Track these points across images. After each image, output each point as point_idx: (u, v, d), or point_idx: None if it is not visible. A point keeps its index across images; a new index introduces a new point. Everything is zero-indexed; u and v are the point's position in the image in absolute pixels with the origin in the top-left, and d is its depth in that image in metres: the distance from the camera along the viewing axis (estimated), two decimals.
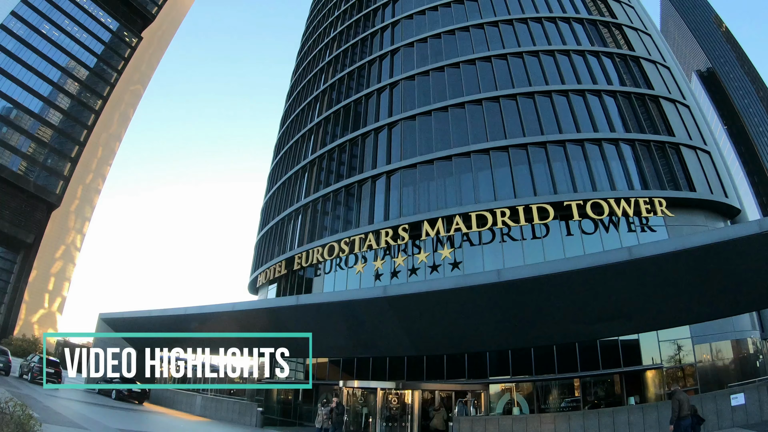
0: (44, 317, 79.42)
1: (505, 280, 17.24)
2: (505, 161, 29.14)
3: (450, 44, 36.44)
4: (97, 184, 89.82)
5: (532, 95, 31.52)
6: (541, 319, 20.13)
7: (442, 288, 18.69)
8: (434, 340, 23.13)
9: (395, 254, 29.54)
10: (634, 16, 39.41)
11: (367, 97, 37.68)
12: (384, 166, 32.41)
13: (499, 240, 27.46)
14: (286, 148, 44.88)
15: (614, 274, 16.51)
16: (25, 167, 74.34)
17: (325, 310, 22.29)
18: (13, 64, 73.70)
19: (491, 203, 27.59)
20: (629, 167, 28.61)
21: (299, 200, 37.77)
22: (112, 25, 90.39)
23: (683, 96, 33.65)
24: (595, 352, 25.02)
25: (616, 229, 26.49)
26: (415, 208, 29.86)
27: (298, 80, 51.16)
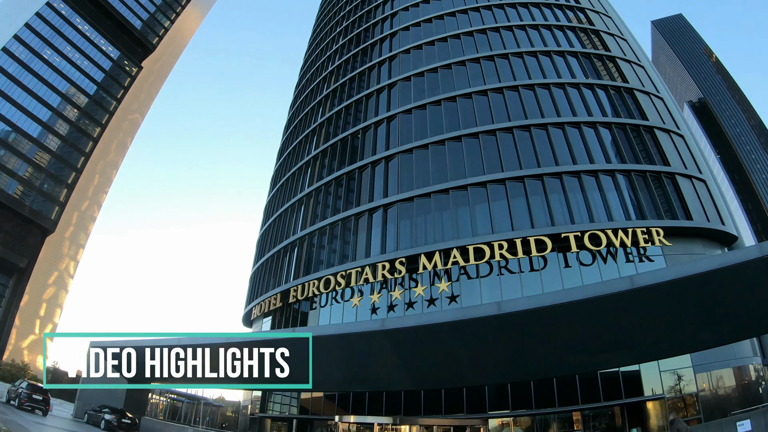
0: (35, 343, 77.84)
1: (505, 313, 16.96)
2: (502, 194, 29.18)
3: (446, 78, 36.94)
4: (93, 212, 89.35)
5: (529, 128, 31.82)
6: (541, 351, 19.79)
7: (441, 321, 18.35)
8: (433, 374, 22.69)
9: (392, 288, 29.29)
10: (627, 48, 40.25)
11: (365, 130, 37.93)
12: (381, 199, 32.39)
13: (497, 273, 27.29)
14: (282, 180, 44.94)
15: (616, 303, 16.34)
16: (21, 191, 73.91)
17: (321, 343, 21.97)
18: (13, 88, 73.90)
19: (489, 236, 27.49)
20: (626, 198, 28.69)
21: (295, 233, 37.57)
22: (113, 53, 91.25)
23: (677, 126, 34.10)
24: (595, 383, 24.70)
25: (614, 260, 26.39)
26: (412, 241, 29.74)
27: (296, 113, 51.66)
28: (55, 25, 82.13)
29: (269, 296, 36.83)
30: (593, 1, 45.82)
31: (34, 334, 77.78)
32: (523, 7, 42.26)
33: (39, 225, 75.92)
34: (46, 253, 79.16)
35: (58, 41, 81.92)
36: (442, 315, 19.60)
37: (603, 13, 44.25)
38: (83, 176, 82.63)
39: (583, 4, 44.10)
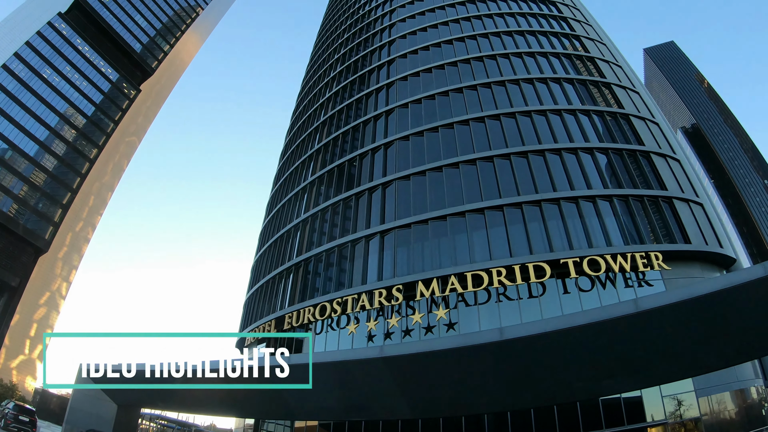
0: (24, 364, 76.47)
1: (507, 339, 16.65)
2: (500, 220, 29.03)
3: (444, 105, 37.18)
4: (87, 233, 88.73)
5: (526, 154, 31.88)
6: (544, 378, 19.38)
7: (443, 348, 17.95)
8: (432, 402, 22.11)
9: (389, 315, 28.85)
10: (622, 75, 40.79)
11: (362, 156, 37.94)
12: (378, 226, 32.15)
13: (495, 300, 26.95)
14: (278, 206, 44.79)
15: (621, 327, 16.11)
16: (16, 209, 73.36)
17: (317, 371, 21.46)
18: (12, 105, 74.00)
19: (487, 263, 27.23)
20: (624, 222, 28.58)
21: (291, 259, 37.20)
22: (112, 75, 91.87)
23: (673, 150, 34.35)
24: (597, 410, 24.11)
25: (614, 285, 26.07)
26: (410, 268, 29.43)
27: (293, 139, 51.84)
28: (55, 44, 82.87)
29: (263, 323, 36.23)
30: (588, 29, 46.58)
31: (23, 354, 76.46)
32: (519, 35, 42.89)
33: (32, 244, 75.22)
34: (39, 273, 78.28)
35: (58, 61, 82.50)
36: (442, 342, 19.17)
37: (598, 40, 44.91)
38: (78, 197, 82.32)
39: (578, 32, 44.81)
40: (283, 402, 24.38)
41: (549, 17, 46.58)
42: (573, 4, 51.27)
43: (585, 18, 49.09)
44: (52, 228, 78.21)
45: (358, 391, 21.84)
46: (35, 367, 79.06)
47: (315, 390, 23.17)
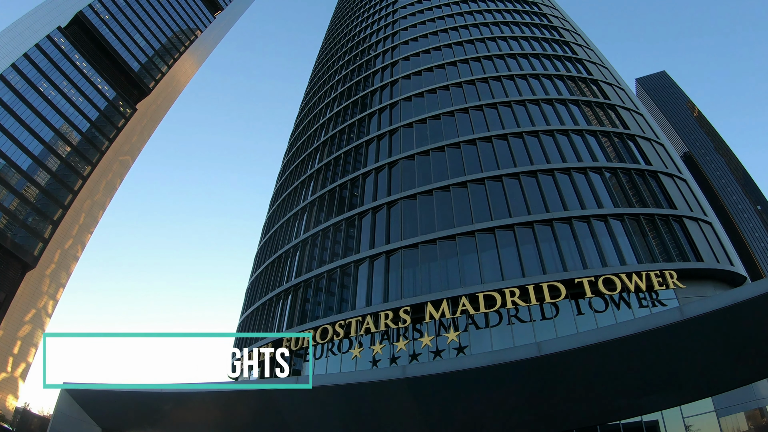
0: (5, 381, 73.95)
1: (546, 354, 15.56)
2: (510, 240, 28.30)
3: (449, 125, 36.85)
4: (76, 251, 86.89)
5: (535, 174, 31.49)
6: (583, 397, 18.26)
7: (475, 366, 16.70)
8: (456, 428, 20.53)
9: (394, 338, 27.65)
10: (625, 97, 41.11)
11: (365, 176, 37.30)
12: (383, 246, 31.22)
13: (507, 322, 25.89)
14: (276, 226, 43.84)
15: (666, 337, 15.25)
16: (6, 222, 71.75)
17: (318, 397, 20.10)
18: (6, 117, 73.06)
19: (499, 283, 26.36)
20: (636, 241, 28.07)
21: (289, 280, 36.01)
22: (109, 93, 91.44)
23: (679, 170, 34.33)
24: None
25: (628, 306, 25.24)
26: (417, 289, 28.41)
27: (291, 159, 51.31)
28: (54, 58, 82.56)
29: (259, 346, 34.73)
30: (589, 53, 46.97)
31: (5, 372, 73.96)
32: (523, 58, 43.02)
33: (20, 259, 73.46)
34: (25, 290, 76.26)
35: (55, 75, 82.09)
36: (473, 360, 17.90)
37: (599, 63, 45.27)
38: (69, 214, 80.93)
39: (580, 56, 45.11)
40: (286, 430, 23.06)
41: (551, 41, 46.90)
42: (573, 29, 51.85)
43: (585, 42, 49.60)
44: (41, 244, 76.65)
45: (370, 421, 20.45)
46: (17, 385, 76.59)
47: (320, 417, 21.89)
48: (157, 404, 23.59)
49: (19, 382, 77.17)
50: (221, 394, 22.34)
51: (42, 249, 76.71)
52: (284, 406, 21.89)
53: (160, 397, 23.08)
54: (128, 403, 24.14)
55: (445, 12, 52.63)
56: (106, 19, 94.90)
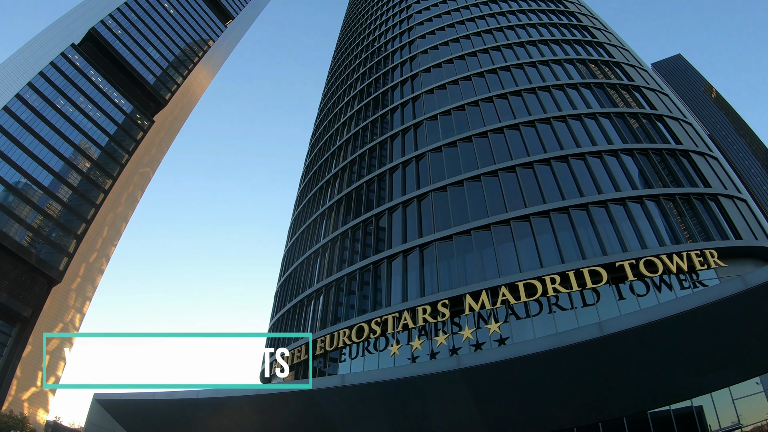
0: (35, 396, 74.56)
1: (609, 334, 15.02)
2: (547, 227, 27.77)
3: (474, 115, 36.45)
4: (101, 264, 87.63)
5: (566, 158, 31.00)
6: (646, 377, 17.74)
7: (534, 351, 16.24)
8: (512, 420, 20.14)
9: (433, 333, 27.12)
10: (649, 78, 40.62)
11: (391, 171, 37.02)
12: (416, 240, 30.80)
13: (548, 311, 25.31)
14: (303, 227, 43.76)
15: (728, 309, 14.75)
16: (30, 239, 72.69)
17: (360, 395, 19.51)
18: (26, 135, 74.09)
19: (538, 271, 25.79)
20: (673, 222, 27.50)
21: (320, 280, 35.73)
22: (125, 106, 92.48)
23: (710, 149, 33.82)
24: (646, 425, 22.04)
25: (669, 289, 24.60)
26: (454, 281, 27.90)
27: (313, 161, 51.51)
28: (69, 75, 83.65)
29: (293, 348, 34.39)
30: (609, 36, 46.29)
31: (35, 386, 74.62)
32: (543, 45, 42.51)
33: (45, 274, 74.29)
34: (52, 304, 77.05)
35: (71, 91, 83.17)
36: (533, 345, 17.33)
37: (620, 46, 44.60)
38: (92, 228, 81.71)
39: (600, 39, 44.45)
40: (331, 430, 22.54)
41: (570, 26, 46.26)
42: (590, 14, 51.18)
43: (603, 26, 48.92)
44: (66, 258, 77.43)
45: (420, 415, 19.90)
46: (47, 399, 77.26)
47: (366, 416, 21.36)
48: (191, 411, 23.33)
49: (49, 396, 77.90)
50: (260, 397, 21.97)
51: (67, 263, 77.47)
52: (328, 407, 21.46)
53: (194, 404, 22.78)
54: (161, 412, 23.86)
55: (460, 4, 52.17)
56: (119, 34, 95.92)
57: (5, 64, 79.80)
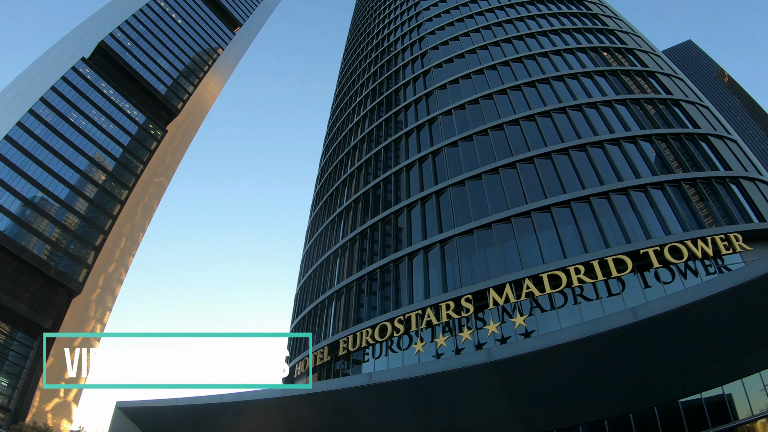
0: (59, 407, 75.45)
1: (642, 319, 14.70)
2: (568, 217, 27.40)
3: (489, 108, 36.21)
4: (120, 274, 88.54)
5: (584, 147, 30.64)
6: (680, 363, 17.40)
7: (566, 341, 15.90)
8: (546, 413, 19.81)
9: (457, 329, 26.85)
10: (662, 63, 40.22)
11: (408, 167, 36.87)
12: (436, 236, 30.57)
13: (573, 302, 24.93)
14: (321, 229, 43.73)
15: (763, 288, 14.37)
16: (49, 252, 73.71)
17: (385, 394, 19.27)
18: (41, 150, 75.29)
19: (561, 261, 25.39)
20: (695, 207, 26.97)
21: (340, 281, 35.65)
22: (138, 117, 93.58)
23: (728, 131, 33.31)
24: (677, 413, 21.55)
25: (695, 275, 24.12)
26: (477, 276, 27.61)
27: (328, 163, 51.56)
28: (81, 89, 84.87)
29: (315, 350, 34.30)
30: (619, 23, 45.85)
31: (58, 397, 75.52)
32: (554, 35, 42.19)
33: (65, 286, 75.26)
34: (72, 315, 77.91)
35: (84, 105, 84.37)
36: (565, 334, 16.95)
37: (631, 33, 44.17)
38: (110, 238, 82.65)
39: (611, 27, 44.02)
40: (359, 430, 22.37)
41: (580, 15, 45.86)
42: (600, 2, 50.58)
43: (613, 13, 48.55)
44: (85, 270, 78.36)
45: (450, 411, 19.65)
46: (71, 410, 78.05)
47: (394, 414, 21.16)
48: (214, 416, 23.25)
49: (73, 407, 78.74)
50: (284, 400, 21.83)
51: (86, 275, 78.41)
52: (355, 406, 21.30)
53: (217, 408, 22.71)
54: (185, 417, 23.79)
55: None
56: (129, 46, 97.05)
57: (17, 81, 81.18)
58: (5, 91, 79.99)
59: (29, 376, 70.43)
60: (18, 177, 71.74)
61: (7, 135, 72.42)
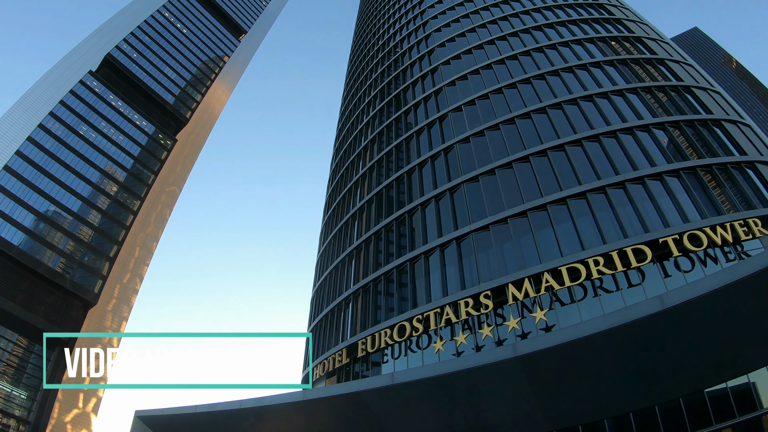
0: (78, 417, 75.94)
1: (669, 307, 14.40)
2: (584, 208, 27.14)
3: (499, 102, 36.07)
4: (135, 284, 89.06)
5: (597, 138, 30.38)
6: (710, 351, 17.10)
7: (595, 332, 15.65)
8: (572, 408, 19.51)
9: (476, 326, 26.67)
10: (671, 50, 39.88)
11: (420, 166, 36.80)
12: (451, 233, 30.45)
13: (593, 295, 24.69)
14: (335, 231, 43.70)
15: None
16: (64, 264, 74.39)
17: (408, 393, 19.07)
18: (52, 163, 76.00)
19: (579, 254, 25.15)
20: (711, 193, 26.67)
21: (357, 282, 35.59)
22: (147, 128, 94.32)
23: (740, 116, 32.96)
24: (704, 404, 21.25)
25: (715, 262, 23.82)
26: (494, 271, 27.42)
27: (339, 164, 51.60)
28: (89, 102, 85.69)
29: (333, 353, 34.13)
30: (625, 12, 45.68)
31: (77, 408, 76.03)
32: (560, 26, 41.98)
33: (81, 298, 75.82)
34: (89, 327, 78.42)
35: (93, 117, 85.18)
36: (591, 325, 16.64)
37: (638, 21, 43.92)
38: (124, 249, 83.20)
39: (618, 16, 43.83)
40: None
41: (586, 6, 45.59)
42: None
43: (620, 2, 48.18)
44: (100, 281, 78.89)
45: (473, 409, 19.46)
46: (90, 420, 78.52)
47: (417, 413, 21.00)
48: (235, 422, 23.15)
49: (92, 417, 79.25)
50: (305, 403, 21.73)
51: (101, 286, 78.95)
52: (377, 406, 21.15)
53: (238, 414, 22.61)
54: (204, 424, 23.68)
55: None
56: (135, 58, 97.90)
57: (25, 97, 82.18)
58: (14, 107, 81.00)
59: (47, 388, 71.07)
60: (30, 191, 72.48)
61: (17, 150, 73.24)
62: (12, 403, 68.27)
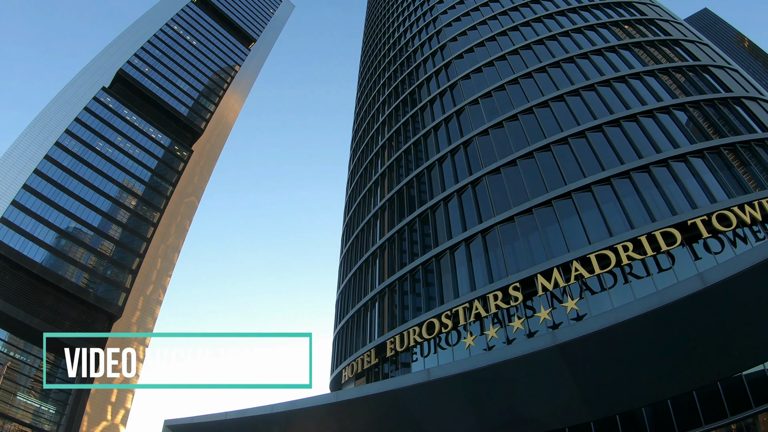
0: (107, 429, 76.84)
1: (711, 285, 14.07)
2: (610, 194, 26.80)
3: (516, 93, 35.87)
4: (158, 295, 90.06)
5: (618, 122, 30.02)
6: (744, 333, 16.65)
7: (635, 315, 15.31)
8: (611, 393, 19.15)
9: (506, 320, 26.42)
10: (686, 30, 39.45)
11: (440, 161, 36.69)
12: (476, 226, 30.30)
13: (623, 281, 24.32)
14: (355, 233, 43.84)
15: None
16: (87, 279, 75.43)
17: (441, 389, 18.81)
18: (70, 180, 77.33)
19: (608, 240, 24.83)
20: (736, 172, 26.19)
21: (382, 281, 35.59)
22: (163, 140, 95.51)
23: (760, 92, 32.46)
24: (741, 388, 20.72)
25: (744, 242, 23.34)
26: (522, 263, 27.21)
27: (358, 164, 51.70)
28: (104, 118, 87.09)
29: (361, 354, 34.07)
30: None
31: (106, 420, 76.94)
32: (572, 13, 41.71)
33: (105, 311, 76.77)
34: (113, 340, 79.20)
35: (108, 133, 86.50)
36: (632, 308, 16.31)
37: (649, 3, 43.49)
38: (146, 261, 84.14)
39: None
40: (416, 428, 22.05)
41: None
42: None
43: None
44: (124, 294, 79.82)
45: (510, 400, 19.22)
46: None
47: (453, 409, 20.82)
48: (265, 427, 23.12)
49: (120, 429, 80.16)
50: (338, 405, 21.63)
51: (125, 299, 79.88)
52: (412, 404, 21.04)
53: (268, 419, 22.57)
54: (234, 431, 23.68)
55: None
56: (147, 72, 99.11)
57: (41, 116, 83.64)
58: (30, 127, 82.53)
59: (75, 402, 72.00)
60: (50, 209, 73.73)
61: (36, 169, 74.61)
62: (41, 417, 69.31)
